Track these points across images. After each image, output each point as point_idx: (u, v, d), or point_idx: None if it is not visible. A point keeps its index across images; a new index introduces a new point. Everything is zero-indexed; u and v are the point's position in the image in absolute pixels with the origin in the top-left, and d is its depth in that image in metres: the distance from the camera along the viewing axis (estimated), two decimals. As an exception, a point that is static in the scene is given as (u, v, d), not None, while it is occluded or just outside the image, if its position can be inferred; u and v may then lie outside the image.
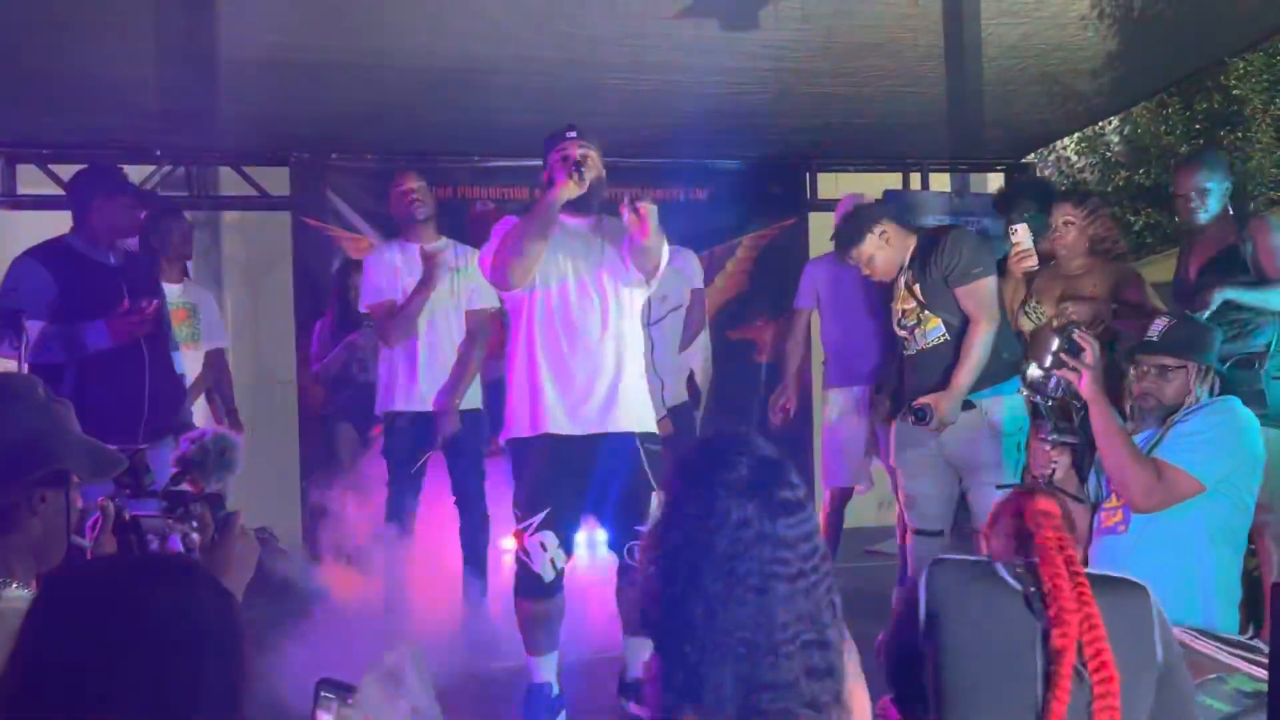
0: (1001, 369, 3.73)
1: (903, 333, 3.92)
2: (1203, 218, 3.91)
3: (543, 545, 3.22)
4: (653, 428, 3.42)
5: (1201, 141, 9.15)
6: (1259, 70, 9.03)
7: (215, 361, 5.05)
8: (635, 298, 3.40)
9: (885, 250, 3.84)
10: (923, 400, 3.72)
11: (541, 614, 3.30)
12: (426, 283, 4.29)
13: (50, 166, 5.49)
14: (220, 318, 5.18)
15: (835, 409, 4.87)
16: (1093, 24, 4.88)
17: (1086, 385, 2.74)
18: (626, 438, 3.30)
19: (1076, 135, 9.73)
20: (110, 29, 4.31)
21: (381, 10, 4.34)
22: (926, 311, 3.83)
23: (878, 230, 3.82)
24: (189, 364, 4.53)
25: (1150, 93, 7.42)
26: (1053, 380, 2.83)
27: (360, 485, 4.88)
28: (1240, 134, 9.08)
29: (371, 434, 5.34)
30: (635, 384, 3.38)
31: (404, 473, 4.45)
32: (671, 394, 4.75)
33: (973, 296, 3.72)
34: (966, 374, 3.69)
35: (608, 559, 3.54)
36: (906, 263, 3.86)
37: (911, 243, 3.87)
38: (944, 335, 3.81)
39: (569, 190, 3.18)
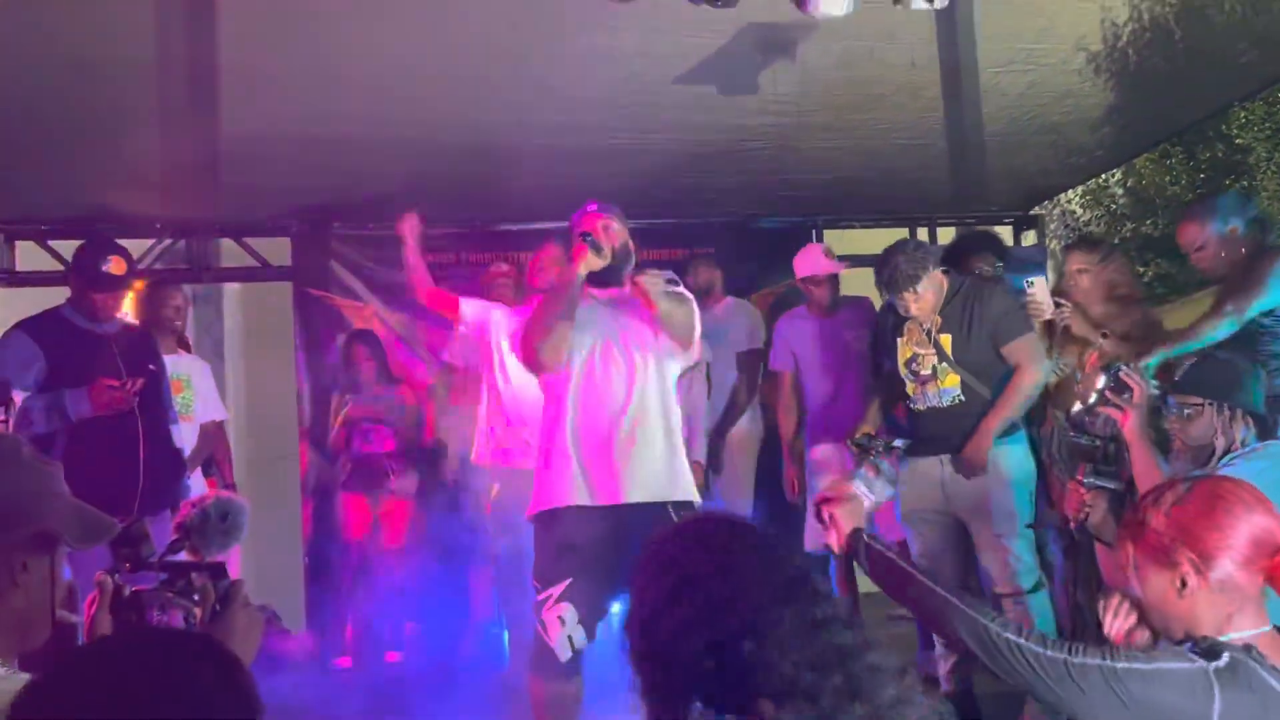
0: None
1: (910, 379, 3.81)
2: (1216, 266, 3.82)
3: (561, 619, 3.04)
4: (690, 495, 3.25)
5: (1207, 192, 9.12)
6: (1260, 119, 9.05)
7: (211, 435, 4.95)
8: (668, 367, 3.30)
9: (934, 289, 3.78)
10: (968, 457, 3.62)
11: (556, 696, 3.08)
12: None
13: (49, 243, 5.44)
14: (216, 390, 5.09)
15: (823, 468, 4.71)
16: (1089, 78, 4.89)
17: (1131, 426, 2.63)
18: (656, 507, 3.13)
19: (1080, 189, 9.76)
20: (109, 103, 4.30)
21: (382, 80, 4.33)
22: (945, 365, 3.73)
23: (932, 267, 3.77)
24: (184, 437, 4.43)
25: (1151, 144, 7.45)
26: (1099, 419, 2.72)
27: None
28: (1246, 182, 9.06)
29: (378, 510, 5.23)
30: (667, 453, 3.24)
31: None
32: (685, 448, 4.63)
33: (1022, 350, 3.74)
34: (1001, 418, 3.67)
35: None
36: (938, 308, 3.78)
37: (945, 287, 3.79)
38: (959, 398, 3.73)
39: (588, 264, 3.10)
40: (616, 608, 3.30)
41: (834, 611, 1.30)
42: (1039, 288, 3.94)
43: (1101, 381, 2.75)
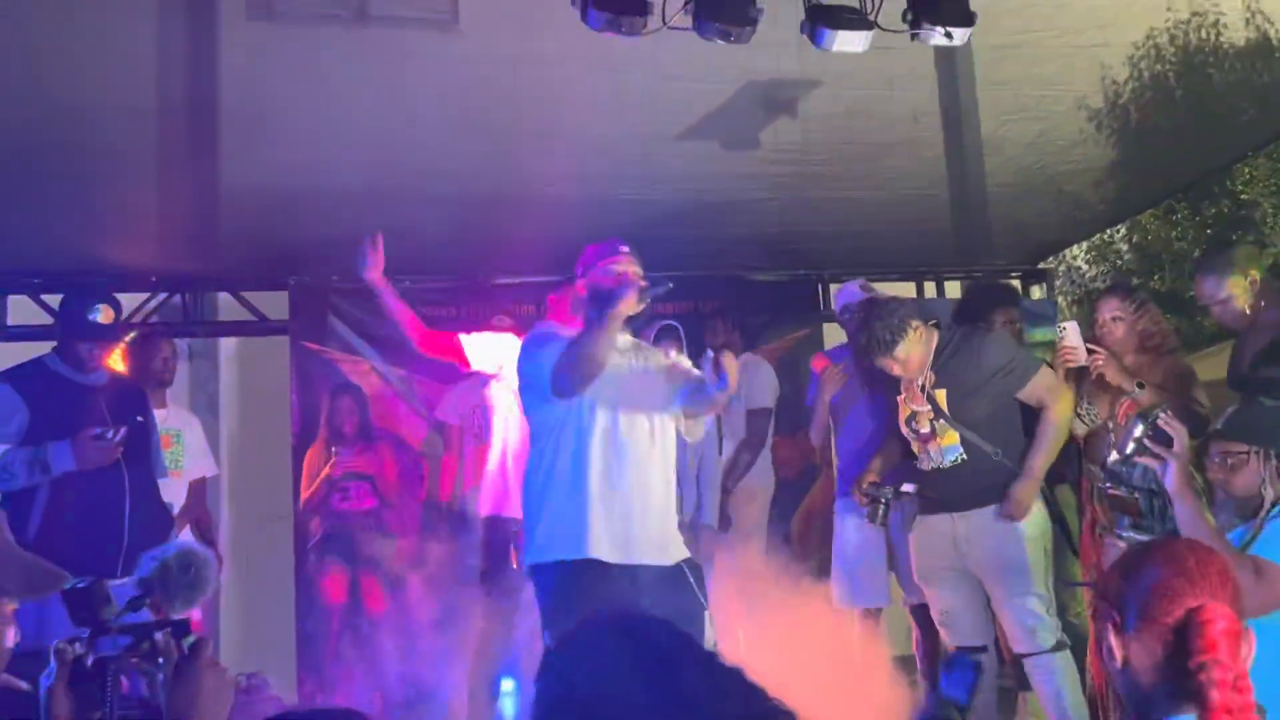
0: (1016, 475, 3.59)
1: (912, 438, 3.73)
2: (1234, 318, 3.72)
3: None
4: (686, 553, 3.17)
5: (1212, 247, 9.08)
6: (1266, 175, 9.05)
7: (200, 492, 4.82)
8: (670, 424, 3.24)
9: (921, 346, 3.66)
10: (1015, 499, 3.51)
11: None
12: None
13: (42, 296, 5.37)
14: (206, 446, 4.96)
15: (851, 521, 4.55)
16: (1090, 134, 4.86)
17: (1173, 476, 2.47)
18: (675, 569, 3.07)
19: (1085, 245, 9.73)
20: (106, 153, 4.25)
21: (382, 129, 4.29)
22: (943, 422, 3.63)
23: (914, 325, 3.65)
24: (172, 493, 4.30)
25: (1155, 200, 7.44)
26: (1138, 470, 2.55)
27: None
28: (1253, 237, 9.02)
29: (361, 569, 5.09)
30: (672, 511, 3.20)
31: None
32: (693, 505, 4.49)
33: (1041, 386, 3.64)
34: (1044, 457, 3.58)
35: None
36: (929, 364, 3.67)
37: (935, 341, 3.68)
38: (961, 457, 3.65)
39: (632, 307, 3.01)
40: None
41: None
42: (1072, 334, 3.83)
43: (1139, 430, 2.58)
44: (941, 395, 3.66)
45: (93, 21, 3.51)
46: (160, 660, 1.64)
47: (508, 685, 3.97)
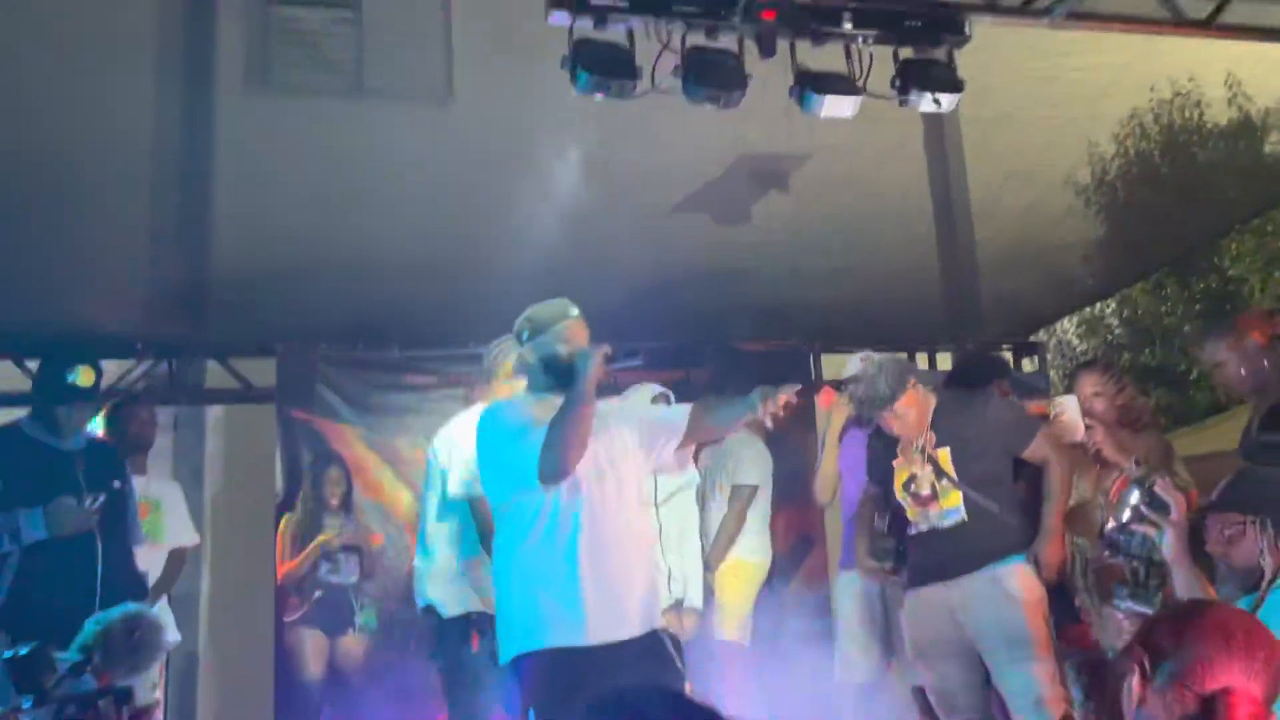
0: (1014, 536, 3.56)
1: (909, 501, 3.66)
2: (1232, 382, 3.69)
3: None
4: (660, 620, 3.07)
5: (1203, 322, 9.14)
6: (1251, 250, 9.15)
7: (179, 561, 4.74)
8: (646, 484, 3.18)
9: (918, 405, 3.63)
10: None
11: None
12: None
13: (26, 362, 5.32)
14: (188, 515, 4.88)
15: (850, 593, 4.46)
16: (1079, 210, 4.92)
17: (1171, 543, 2.43)
18: (653, 636, 2.95)
19: (1077, 319, 9.78)
20: (98, 218, 4.26)
21: (374, 198, 4.31)
22: (945, 483, 3.57)
23: (911, 383, 3.62)
24: (150, 562, 4.21)
25: (1142, 275, 7.53)
26: (1136, 538, 2.51)
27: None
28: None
29: (344, 642, 4.97)
30: (656, 577, 3.11)
31: None
32: (680, 584, 4.38)
33: (1042, 448, 3.63)
34: (1059, 512, 3.56)
35: None
36: (928, 424, 3.63)
37: (932, 403, 3.65)
38: (963, 517, 3.58)
39: (600, 376, 2.89)
40: None
41: None
42: (1071, 410, 3.83)
43: (1136, 497, 2.55)
44: (944, 455, 3.61)
45: (90, 86, 3.53)
46: None
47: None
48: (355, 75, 3.63)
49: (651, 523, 3.13)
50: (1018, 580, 3.52)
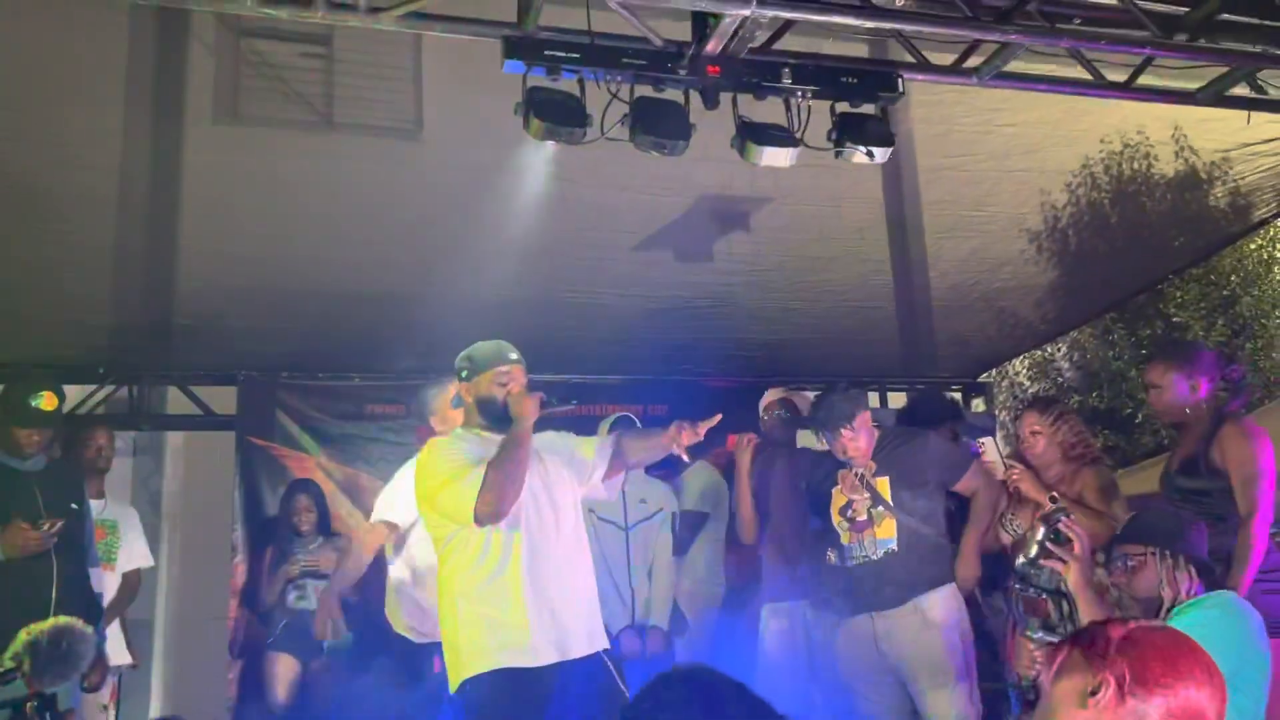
0: (941, 567, 3.71)
1: (846, 527, 3.76)
2: (1163, 409, 3.71)
3: None
4: (605, 641, 3.11)
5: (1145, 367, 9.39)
6: (1196, 299, 9.43)
7: (133, 584, 4.73)
8: (579, 507, 3.20)
9: (868, 431, 3.77)
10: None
11: None
12: None
13: (-13, 385, 5.31)
14: (144, 538, 4.88)
15: (773, 627, 4.50)
16: (1031, 255, 5.08)
17: (1075, 578, 2.56)
18: (595, 658, 3.02)
19: (1028, 362, 10.00)
20: (62, 242, 4.28)
21: (337, 227, 4.38)
22: (881, 509, 3.69)
23: (864, 413, 3.77)
24: (104, 584, 4.21)
25: (1090, 317, 7.71)
26: (1044, 572, 2.64)
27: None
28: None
29: (313, 665, 4.97)
30: (595, 599, 3.15)
31: None
32: (644, 607, 4.45)
33: (976, 475, 3.83)
34: (977, 534, 3.79)
35: None
36: (870, 454, 3.77)
37: (875, 435, 3.79)
38: (894, 549, 3.69)
39: (535, 416, 2.99)
40: None
41: None
42: (989, 449, 3.98)
43: (1042, 533, 2.68)
44: (883, 483, 3.73)
45: (58, 112, 3.57)
46: None
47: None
48: (325, 109, 3.70)
49: (586, 544, 3.16)
50: (939, 607, 3.64)
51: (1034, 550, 2.64)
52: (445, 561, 3.06)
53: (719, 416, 3.11)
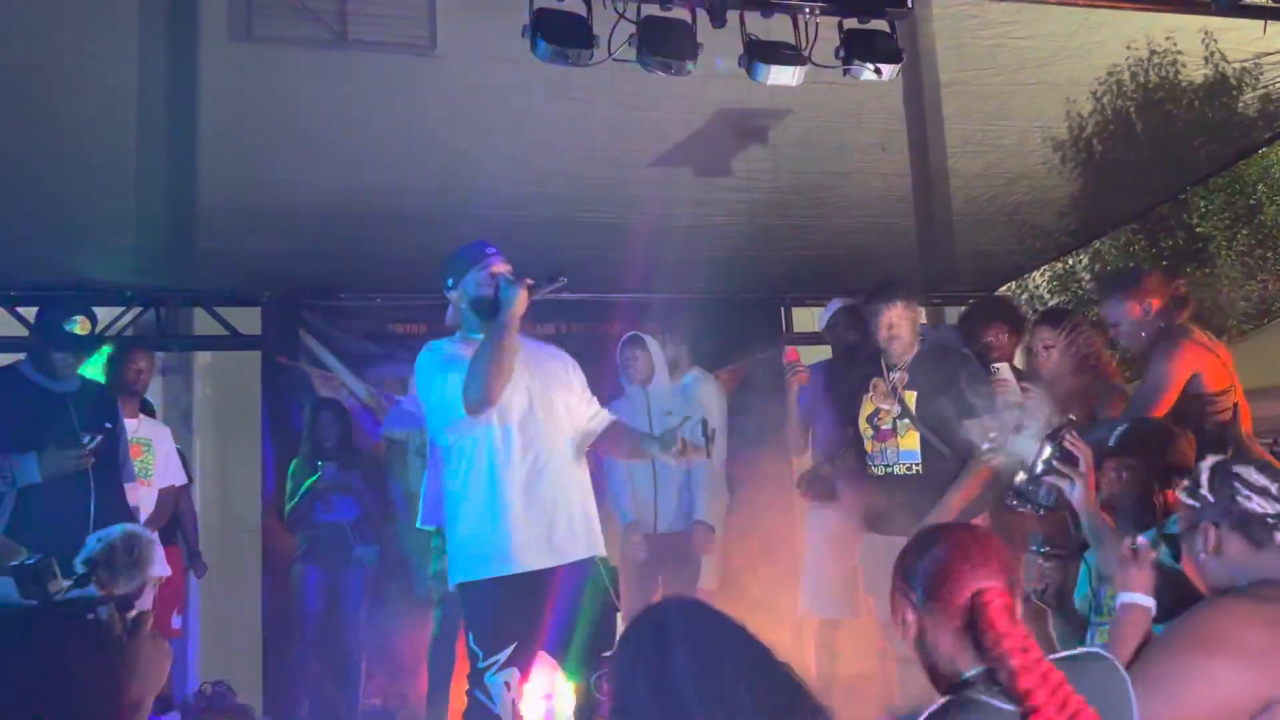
0: None
1: (870, 434, 3.84)
2: (1126, 340, 3.75)
3: (506, 685, 2.98)
4: (603, 548, 3.23)
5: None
6: (1220, 209, 9.29)
7: (169, 500, 4.87)
8: (584, 412, 3.30)
9: (910, 327, 3.84)
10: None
11: None
12: None
13: (18, 310, 5.43)
14: (177, 455, 5.03)
15: (820, 529, 4.67)
16: (1055, 165, 5.04)
17: (1079, 493, 2.61)
18: (588, 563, 3.13)
19: (1048, 274, 9.94)
20: (85, 167, 4.34)
21: (355, 148, 4.40)
22: (906, 421, 3.75)
23: (911, 300, 3.85)
24: (142, 500, 4.37)
25: (1110, 228, 7.64)
26: (1042, 490, 2.68)
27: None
28: (1208, 270, 9.26)
29: (340, 578, 5.16)
30: (592, 506, 3.24)
31: None
32: (682, 514, 4.60)
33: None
34: (965, 497, 3.73)
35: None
36: (908, 363, 3.80)
37: (917, 342, 3.82)
38: (917, 465, 3.75)
39: (524, 307, 3.05)
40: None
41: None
42: (1004, 372, 3.99)
43: (1048, 451, 2.68)
44: (911, 396, 3.80)
45: (73, 38, 3.59)
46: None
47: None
48: (338, 25, 3.70)
49: (581, 452, 3.24)
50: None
51: (1040, 467, 2.65)
52: (446, 465, 3.20)
53: (709, 437, 3.12)
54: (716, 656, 1.49)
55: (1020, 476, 2.77)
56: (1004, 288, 7.11)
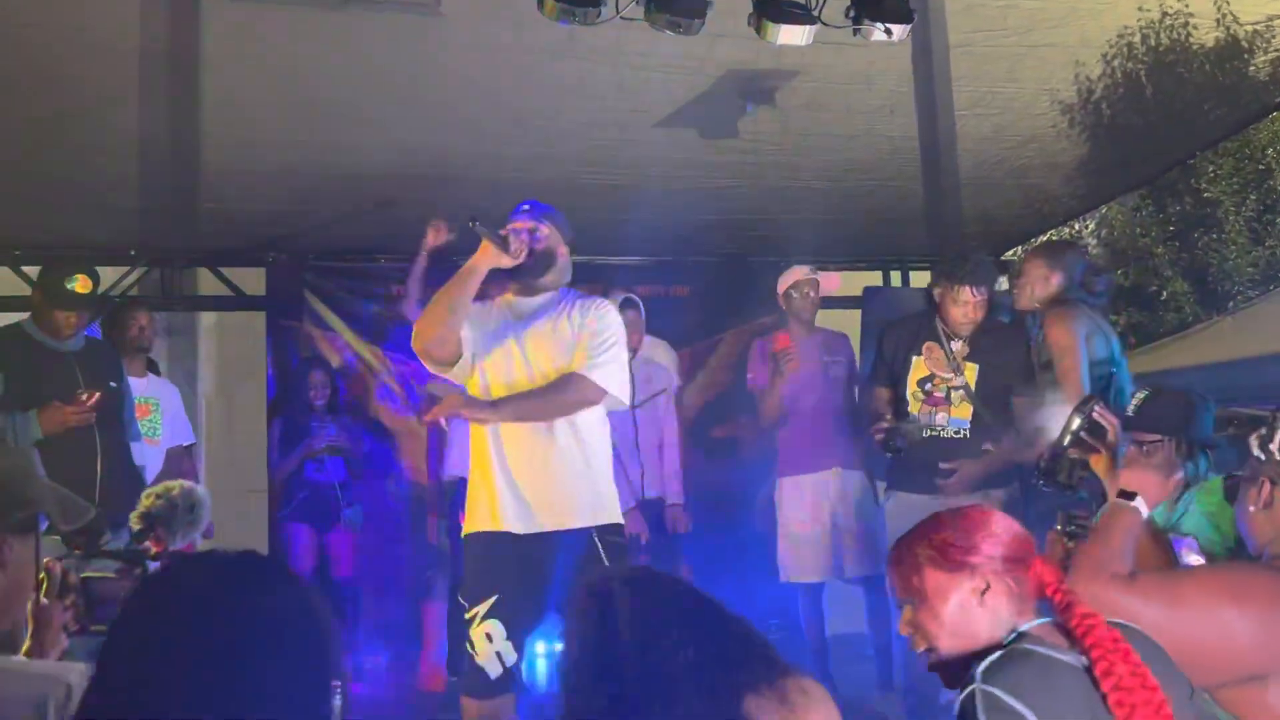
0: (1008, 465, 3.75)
1: (920, 397, 3.81)
2: (1014, 301, 3.90)
3: (489, 636, 2.95)
4: (615, 518, 3.16)
5: (1177, 244, 9.28)
6: (1229, 174, 9.22)
7: (177, 460, 4.89)
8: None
9: (977, 309, 3.81)
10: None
11: (488, 715, 2.98)
12: None
13: (23, 268, 5.43)
14: (185, 414, 5.04)
15: (794, 499, 4.67)
16: (1062, 128, 4.98)
17: (1106, 466, 2.51)
18: (582, 533, 3.07)
19: (1056, 238, 9.89)
20: (87, 127, 4.32)
21: (358, 110, 4.37)
22: (963, 394, 3.74)
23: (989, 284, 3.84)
24: (149, 459, 4.38)
25: (1119, 193, 7.59)
26: (1065, 466, 2.55)
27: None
28: (1215, 235, 9.21)
29: (327, 538, 5.20)
30: (595, 474, 3.13)
31: None
32: (652, 483, 4.60)
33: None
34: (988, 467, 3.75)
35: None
36: (969, 334, 3.78)
37: (983, 316, 3.82)
38: (965, 432, 3.75)
39: (489, 258, 3.01)
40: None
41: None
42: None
43: (1076, 422, 2.48)
44: (972, 370, 3.79)
45: (75, -1, 3.57)
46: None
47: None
48: (341, -15, 3.66)
49: (595, 421, 3.15)
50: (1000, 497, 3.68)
51: (1068, 439, 2.48)
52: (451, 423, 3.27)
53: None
54: (658, 626, 1.48)
55: (1045, 455, 2.65)
56: (1010, 253, 7.06)
